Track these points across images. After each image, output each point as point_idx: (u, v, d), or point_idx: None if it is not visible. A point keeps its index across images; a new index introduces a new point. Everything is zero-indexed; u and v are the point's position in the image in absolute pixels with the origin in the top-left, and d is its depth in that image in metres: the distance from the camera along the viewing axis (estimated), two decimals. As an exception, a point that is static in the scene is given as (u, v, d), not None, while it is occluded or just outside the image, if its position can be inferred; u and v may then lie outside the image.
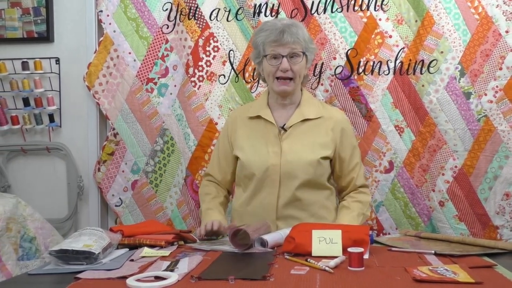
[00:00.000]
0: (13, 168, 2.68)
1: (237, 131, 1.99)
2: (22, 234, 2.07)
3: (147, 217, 2.50)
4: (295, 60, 1.86)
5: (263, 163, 1.87)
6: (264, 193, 1.89)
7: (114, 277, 1.28)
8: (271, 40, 1.85)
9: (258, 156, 1.89)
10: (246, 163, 1.91)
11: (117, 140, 2.53)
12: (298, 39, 1.85)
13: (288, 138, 1.90)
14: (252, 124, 1.97)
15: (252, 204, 1.91)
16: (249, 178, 1.92)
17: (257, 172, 1.88)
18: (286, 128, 1.91)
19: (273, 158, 1.87)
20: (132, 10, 2.49)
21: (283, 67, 1.84)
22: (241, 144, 1.96)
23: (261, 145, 1.91)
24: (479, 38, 2.21)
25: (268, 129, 1.93)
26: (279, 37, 1.83)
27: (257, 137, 1.93)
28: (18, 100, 2.62)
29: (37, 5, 2.61)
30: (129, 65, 2.50)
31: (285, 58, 1.84)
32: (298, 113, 1.93)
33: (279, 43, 1.84)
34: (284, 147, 1.88)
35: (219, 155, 2.05)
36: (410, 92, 2.28)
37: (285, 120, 1.93)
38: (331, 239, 1.48)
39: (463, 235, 2.19)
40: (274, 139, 1.90)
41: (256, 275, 1.26)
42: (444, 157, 2.24)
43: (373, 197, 2.33)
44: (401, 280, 1.21)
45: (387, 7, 2.30)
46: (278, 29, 1.84)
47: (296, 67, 1.86)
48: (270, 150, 1.89)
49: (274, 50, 1.85)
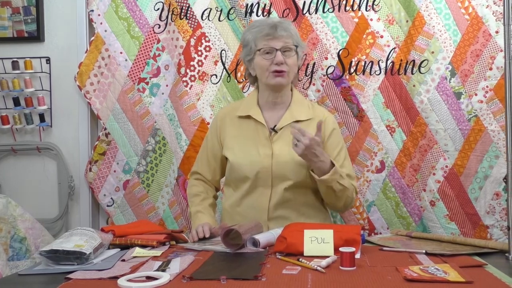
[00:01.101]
0: (3, 168, 2.66)
1: (226, 130, 1.97)
2: (13, 234, 2.06)
3: (139, 217, 2.50)
4: (289, 54, 1.85)
5: (254, 166, 1.86)
6: (255, 195, 1.88)
7: (106, 277, 1.28)
8: (264, 34, 1.84)
9: (249, 158, 1.87)
10: (236, 166, 1.89)
11: (109, 140, 2.52)
12: (290, 34, 1.86)
13: (279, 139, 1.88)
14: (242, 123, 1.94)
15: (243, 205, 1.90)
16: (240, 180, 1.90)
17: (249, 174, 1.86)
18: (277, 130, 1.89)
19: (264, 160, 1.86)
20: (123, 10, 2.48)
21: (277, 59, 1.82)
22: (230, 144, 1.94)
23: (252, 147, 1.89)
24: (469, 38, 2.22)
25: (259, 130, 1.91)
26: (272, 31, 1.84)
27: (247, 137, 1.92)
28: (8, 100, 2.60)
29: (27, 4, 2.59)
30: (120, 64, 2.49)
31: (279, 52, 1.83)
32: (288, 114, 1.91)
33: (272, 37, 1.84)
34: (275, 149, 1.87)
35: (207, 153, 2.02)
36: (401, 92, 2.29)
37: (275, 121, 1.92)
38: (322, 238, 1.49)
39: (454, 235, 2.20)
40: (264, 141, 1.89)
41: (248, 275, 1.26)
42: (435, 157, 2.26)
43: (364, 197, 2.33)
44: (392, 279, 1.22)
45: (378, 7, 2.30)
46: (270, 24, 1.85)
47: (290, 60, 1.85)
48: (261, 152, 1.87)
49: (267, 44, 1.84)
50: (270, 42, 1.84)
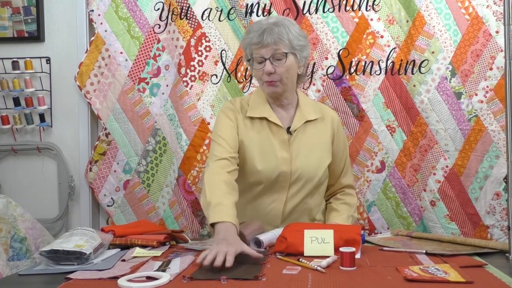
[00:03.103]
0: (3, 168, 2.66)
1: (240, 126, 1.84)
2: (13, 234, 2.06)
3: (139, 217, 2.50)
4: (279, 62, 1.74)
5: (273, 170, 1.78)
6: (270, 199, 1.82)
7: (106, 277, 1.28)
8: (254, 43, 1.75)
9: (268, 163, 1.79)
10: (254, 170, 1.79)
11: (109, 140, 2.52)
12: (280, 39, 1.72)
13: (295, 142, 1.81)
14: (255, 124, 1.84)
15: (254, 208, 1.84)
16: (253, 183, 1.82)
17: (266, 179, 1.79)
18: (292, 132, 1.82)
19: (283, 164, 1.79)
20: (123, 10, 2.48)
21: (266, 69, 1.74)
22: (246, 143, 1.81)
23: (269, 150, 1.80)
24: (469, 38, 2.22)
25: (274, 132, 1.82)
26: (260, 39, 1.72)
27: (263, 140, 1.81)
28: (8, 100, 2.60)
29: (27, 4, 2.59)
30: (120, 65, 2.49)
31: (268, 61, 1.73)
32: (299, 115, 1.85)
33: (260, 45, 1.73)
34: (293, 152, 1.80)
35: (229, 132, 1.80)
36: (401, 92, 2.29)
37: (287, 121, 1.85)
38: (323, 238, 1.49)
39: (454, 235, 2.20)
40: (282, 144, 1.81)
41: (248, 275, 1.26)
42: (435, 157, 2.26)
43: (364, 196, 2.33)
44: (393, 279, 1.22)
45: (378, 7, 2.30)
46: (259, 31, 1.74)
47: (280, 69, 1.74)
48: (279, 156, 1.79)
49: (257, 53, 1.75)
50: (259, 51, 1.74)
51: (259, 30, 1.74)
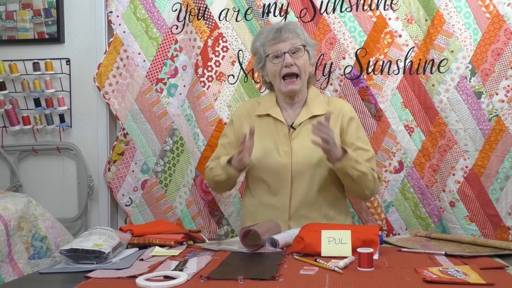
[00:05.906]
0: (24, 168, 2.70)
1: (243, 129, 1.96)
2: (34, 233, 2.09)
3: (156, 217, 2.51)
4: (297, 55, 1.87)
5: (274, 163, 1.87)
6: (276, 194, 1.88)
7: (124, 276, 1.29)
8: (271, 39, 1.87)
9: (269, 156, 1.89)
10: (256, 164, 1.90)
11: (127, 140, 2.54)
12: (296, 34, 1.88)
13: (298, 136, 1.89)
14: (261, 122, 1.96)
15: (264, 204, 1.91)
16: (259, 178, 1.91)
17: (269, 172, 1.88)
18: (295, 127, 1.90)
19: (284, 157, 1.87)
20: (141, 11, 2.50)
21: (286, 61, 1.84)
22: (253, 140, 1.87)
23: (271, 145, 1.90)
24: (490, 37, 2.19)
25: (278, 128, 1.92)
26: (277, 34, 1.86)
27: (266, 135, 1.92)
28: (29, 101, 2.64)
29: (48, 6, 2.63)
30: (138, 65, 2.51)
31: (287, 54, 1.85)
32: (305, 110, 1.93)
33: (279, 40, 1.86)
34: (294, 146, 1.88)
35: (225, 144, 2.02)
36: (420, 92, 2.27)
37: (293, 118, 1.93)
38: (340, 239, 1.48)
39: (474, 236, 2.17)
40: (284, 138, 1.90)
41: (265, 275, 1.26)
42: (455, 157, 2.23)
43: (382, 197, 2.32)
44: (411, 281, 1.21)
45: (396, 6, 2.28)
46: (274, 29, 1.88)
47: (300, 61, 1.87)
48: (281, 150, 1.88)
49: (275, 49, 1.87)
50: (277, 45, 1.87)
51: (272, 29, 1.89)
